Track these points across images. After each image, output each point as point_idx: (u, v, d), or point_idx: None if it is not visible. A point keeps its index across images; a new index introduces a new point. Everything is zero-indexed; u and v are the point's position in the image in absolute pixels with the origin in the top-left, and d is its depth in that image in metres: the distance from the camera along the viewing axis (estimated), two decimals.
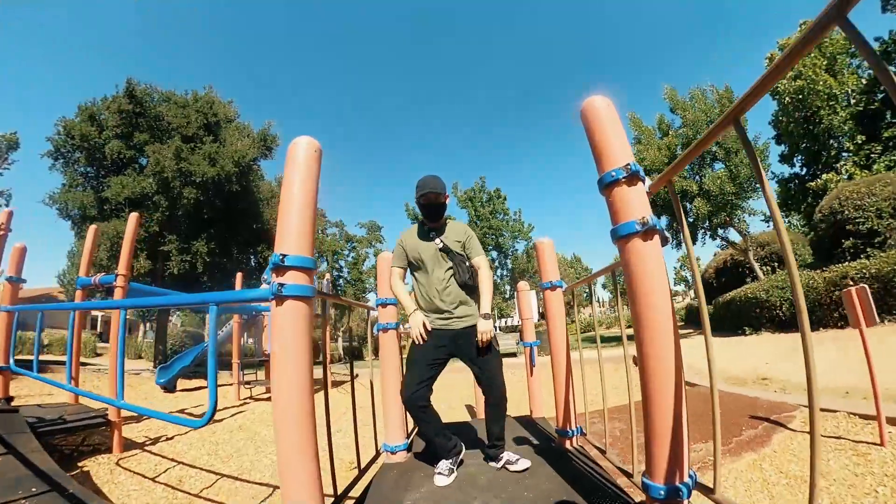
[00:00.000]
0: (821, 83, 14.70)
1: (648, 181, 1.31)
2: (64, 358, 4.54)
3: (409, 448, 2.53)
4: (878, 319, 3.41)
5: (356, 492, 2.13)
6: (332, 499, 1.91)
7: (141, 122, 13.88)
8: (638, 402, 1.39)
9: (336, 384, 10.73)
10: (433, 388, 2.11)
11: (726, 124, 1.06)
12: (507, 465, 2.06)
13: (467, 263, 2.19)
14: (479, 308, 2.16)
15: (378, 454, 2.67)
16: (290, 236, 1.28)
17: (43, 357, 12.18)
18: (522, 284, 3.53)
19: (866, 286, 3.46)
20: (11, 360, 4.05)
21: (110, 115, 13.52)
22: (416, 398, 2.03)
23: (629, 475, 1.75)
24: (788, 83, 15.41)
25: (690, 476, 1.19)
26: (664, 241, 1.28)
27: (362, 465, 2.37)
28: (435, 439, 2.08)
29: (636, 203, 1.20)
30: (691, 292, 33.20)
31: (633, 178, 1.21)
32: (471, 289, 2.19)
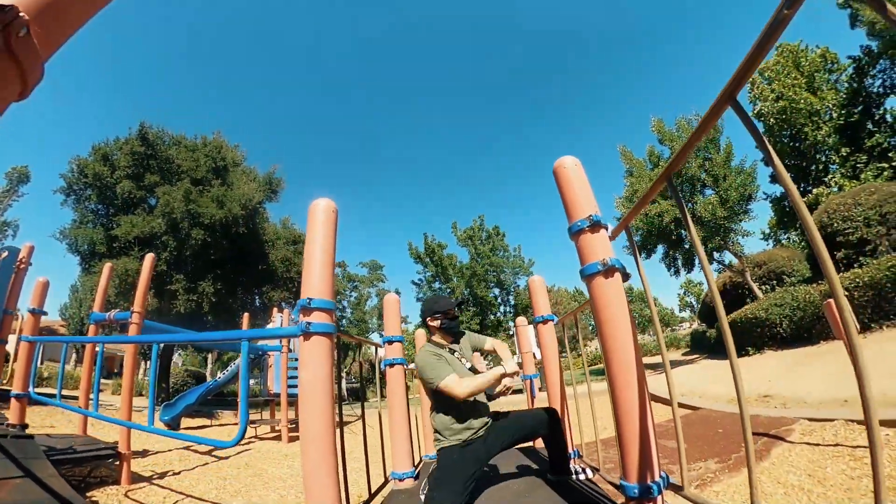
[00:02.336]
0: (802, 101, 15.26)
1: (612, 227, 1.57)
2: (66, 392, 4.81)
3: (416, 476, 2.68)
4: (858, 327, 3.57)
5: None
6: None
7: (152, 164, 14.49)
8: None
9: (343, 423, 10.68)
10: None
11: (661, 182, 1.33)
12: (577, 474, 2.22)
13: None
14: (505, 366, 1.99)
15: (386, 481, 2.80)
16: (315, 284, 1.54)
17: (44, 390, 12.19)
18: (521, 320, 3.77)
19: (831, 301, 3.62)
20: (31, 389, 4.19)
21: (123, 156, 14.11)
22: None
23: (616, 486, 1.92)
24: (771, 105, 16.01)
25: (662, 476, 1.37)
26: (625, 278, 1.51)
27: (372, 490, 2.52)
28: None
29: (599, 247, 1.45)
30: (697, 317, 33.02)
31: (595, 226, 1.46)
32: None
